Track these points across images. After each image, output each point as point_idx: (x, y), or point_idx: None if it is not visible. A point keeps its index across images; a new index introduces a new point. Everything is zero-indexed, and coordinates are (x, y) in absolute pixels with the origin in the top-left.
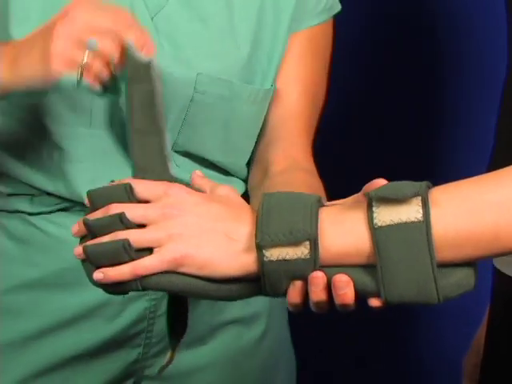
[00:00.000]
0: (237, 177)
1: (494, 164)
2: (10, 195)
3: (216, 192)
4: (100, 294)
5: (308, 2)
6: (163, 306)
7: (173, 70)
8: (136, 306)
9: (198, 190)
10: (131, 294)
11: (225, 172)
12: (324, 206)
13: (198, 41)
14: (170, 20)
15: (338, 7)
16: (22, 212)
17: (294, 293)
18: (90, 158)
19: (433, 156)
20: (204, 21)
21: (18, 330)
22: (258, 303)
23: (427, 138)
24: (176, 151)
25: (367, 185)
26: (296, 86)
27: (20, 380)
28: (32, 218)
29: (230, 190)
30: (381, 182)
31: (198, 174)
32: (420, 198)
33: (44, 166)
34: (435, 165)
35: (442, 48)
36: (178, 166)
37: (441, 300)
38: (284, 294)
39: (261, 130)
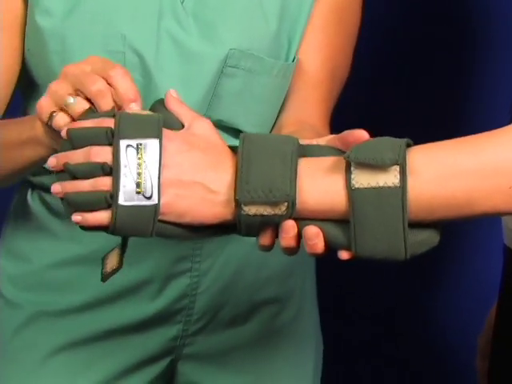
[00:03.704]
0: None
1: None
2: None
3: (194, 127)
4: (144, 272)
5: None
6: (205, 283)
7: (203, 47)
8: (179, 283)
9: (176, 123)
10: (174, 271)
11: None
12: (303, 155)
13: (227, 17)
14: (199, 0)
15: None
16: None
17: (266, 236)
18: None
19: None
20: None
21: (62, 302)
22: (293, 281)
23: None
24: None
25: (347, 133)
26: (316, 54)
27: (60, 347)
28: None
29: (209, 126)
30: (361, 134)
31: (176, 98)
32: (398, 166)
33: None
34: None
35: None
36: None
37: (408, 257)
38: (257, 235)
39: (286, 97)
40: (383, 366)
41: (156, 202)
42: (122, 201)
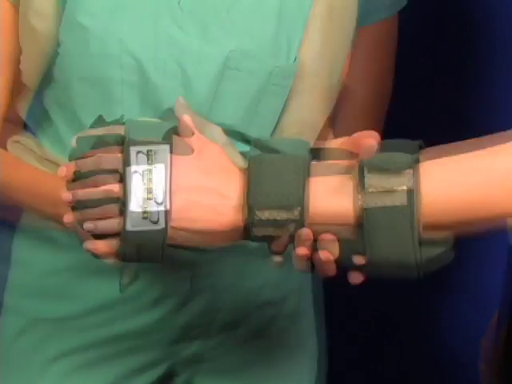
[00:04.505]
0: None
1: None
2: None
3: (204, 134)
4: (143, 279)
5: None
6: (203, 289)
7: (203, 49)
8: (178, 289)
9: (186, 132)
10: (173, 278)
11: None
12: (315, 159)
13: (226, 18)
14: (197, 0)
15: (404, 1)
16: None
17: (278, 244)
18: None
19: None
20: None
21: (62, 309)
22: (290, 286)
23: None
24: None
25: (358, 135)
26: (315, 54)
27: (60, 354)
28: None
29: (218, 132)
30: (371, 135)
31: (184, 104)
32: (411, 170)
33: None
34: None
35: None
36: None
37: (421, 275)
38: (269, 241)
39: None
40: (385, 369)
41: (167, 207)
42: (129, 227)
